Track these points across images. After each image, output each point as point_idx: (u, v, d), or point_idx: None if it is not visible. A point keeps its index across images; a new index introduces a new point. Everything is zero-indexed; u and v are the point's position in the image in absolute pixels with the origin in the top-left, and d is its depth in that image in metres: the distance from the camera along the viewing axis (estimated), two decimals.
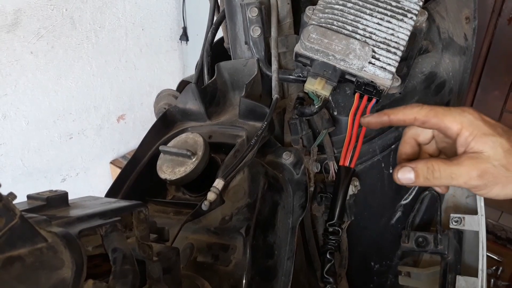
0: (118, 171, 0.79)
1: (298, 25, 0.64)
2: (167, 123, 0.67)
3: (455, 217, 0.69)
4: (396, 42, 0.53)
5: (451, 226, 0.69)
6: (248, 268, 0.51)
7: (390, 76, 0.52)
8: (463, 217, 0.68)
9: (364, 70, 0.52)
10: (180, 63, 2.49)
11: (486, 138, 0.46)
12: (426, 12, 0.55)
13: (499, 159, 0.45)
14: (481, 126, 0.47)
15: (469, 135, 0.46)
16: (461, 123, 0.47)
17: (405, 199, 0.73)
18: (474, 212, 0.69)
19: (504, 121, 1.77)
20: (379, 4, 0.54)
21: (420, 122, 0.49)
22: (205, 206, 0.45)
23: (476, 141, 0.46)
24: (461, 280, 0.65)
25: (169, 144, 0.55)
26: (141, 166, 0.61)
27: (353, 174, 0.58)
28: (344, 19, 0.54)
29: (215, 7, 0.76)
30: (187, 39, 2.40)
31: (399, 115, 0.50)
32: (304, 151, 0.63)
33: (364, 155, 0.65)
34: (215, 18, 0.75)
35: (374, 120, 0.53)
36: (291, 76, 0.61)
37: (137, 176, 0.60)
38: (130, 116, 2.33)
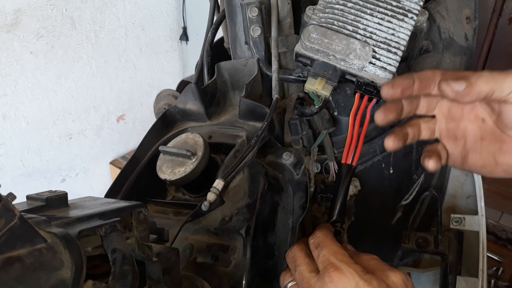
0: (118, 171, 0.79)
1: (298, 25, 0.64)
2: (167, 123, 0.67)
3: (455, 218, 0.69)
4: (396, 42, 0.53)
5: (451, 226, 0.69)
6: (248, 269, 0.50)
7: (391, 76, 0.51)
8: (464, 218, 0.68)
9: (365, 70, 0.52)
10: (180, 63, 2.48)
11: None
12: (427, 12, 0.55)
13: None
14: None
15: None
16: None
17: (406, 200, 0.73)
18: (474, 212, 0.70)
19: None
20: (380, 4, 0.54)
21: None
22: (205, 206, 0.45)
23: None
24: (461, 281, 0.65)
25: (169, 145, 0.55)
26: (141, 166, 0.61)
27: (354, 171, 0.57)
28: (344, 19, 0.54)
29: (215, 7, 0.76)
30: (187, 39, 2.39)
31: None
32: (304, 151, 0.63)
33: (365, 156, 0.65)
34: (215, 18, 0.75)
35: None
36: (291, 76, 0.61)
37: (136, 176, 0.60)
38: (130, 116, 2.33)
